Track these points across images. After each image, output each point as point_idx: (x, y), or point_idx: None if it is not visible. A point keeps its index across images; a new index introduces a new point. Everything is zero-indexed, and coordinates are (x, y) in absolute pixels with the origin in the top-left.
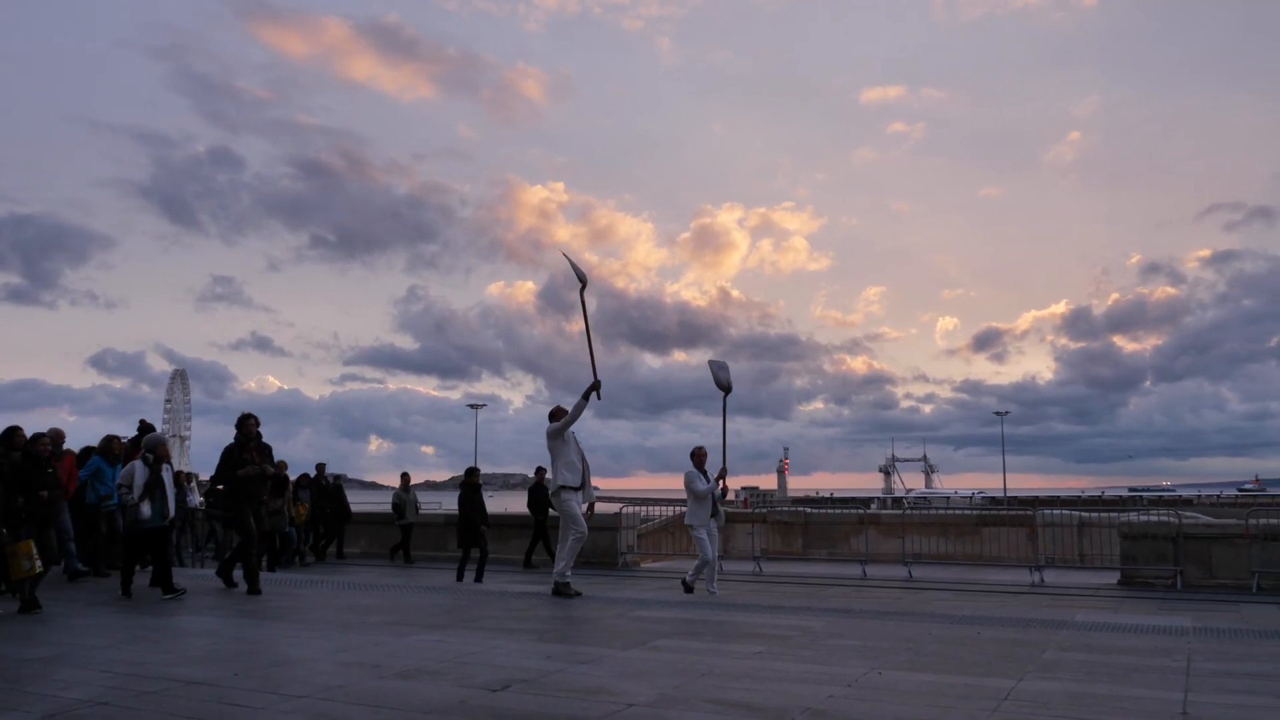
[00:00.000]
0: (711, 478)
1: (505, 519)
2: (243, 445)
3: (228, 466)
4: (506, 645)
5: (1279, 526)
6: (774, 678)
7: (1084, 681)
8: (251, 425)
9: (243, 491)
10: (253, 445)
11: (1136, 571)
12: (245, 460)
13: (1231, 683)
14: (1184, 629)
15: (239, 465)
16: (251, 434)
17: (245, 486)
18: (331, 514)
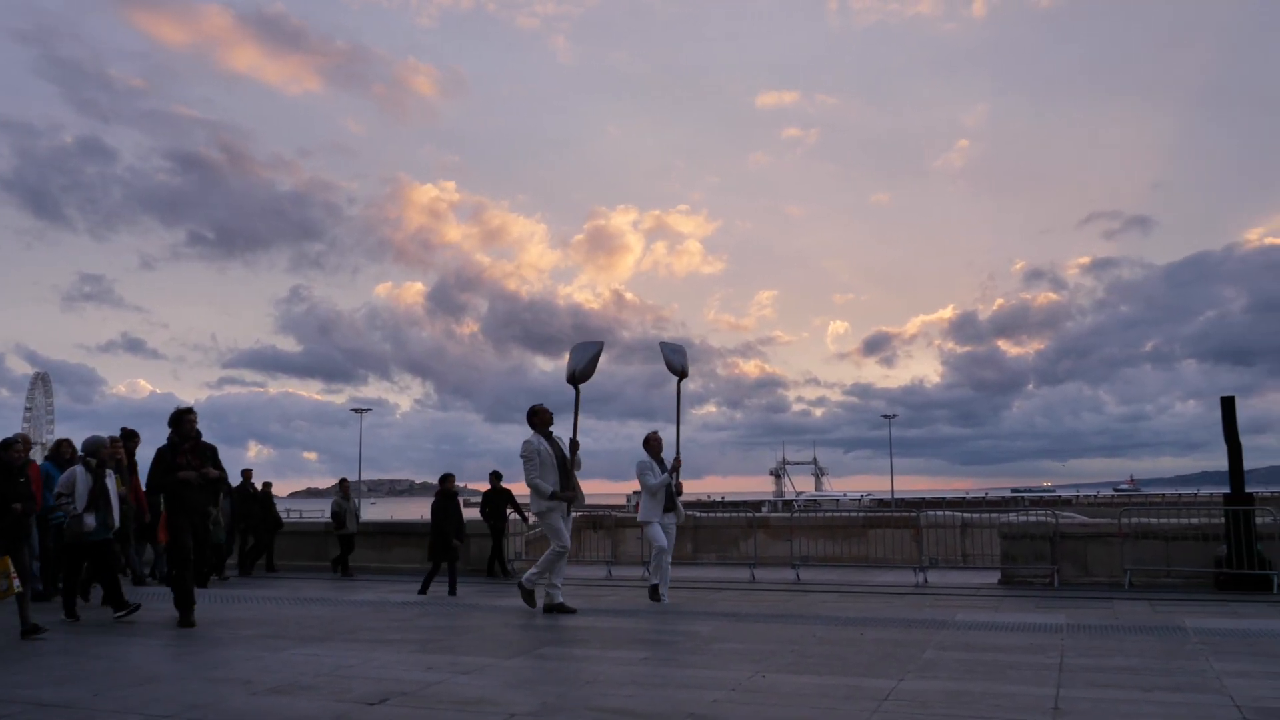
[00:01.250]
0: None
1: (393, 527)
2: (177, 446)
3: (162, 471)
4: (386, 657)
5: (1149, 525)
6: (658, 683)
7: (962, 680)
8: (189, 423)
9: (180, 500)
10: (189, 447)
11: (1016, 571)
12: (181, 465)
13: (1101, 677)
14: (1058, 626)
15: (177, 470)
16: (189, 433)
17: (184, 495)
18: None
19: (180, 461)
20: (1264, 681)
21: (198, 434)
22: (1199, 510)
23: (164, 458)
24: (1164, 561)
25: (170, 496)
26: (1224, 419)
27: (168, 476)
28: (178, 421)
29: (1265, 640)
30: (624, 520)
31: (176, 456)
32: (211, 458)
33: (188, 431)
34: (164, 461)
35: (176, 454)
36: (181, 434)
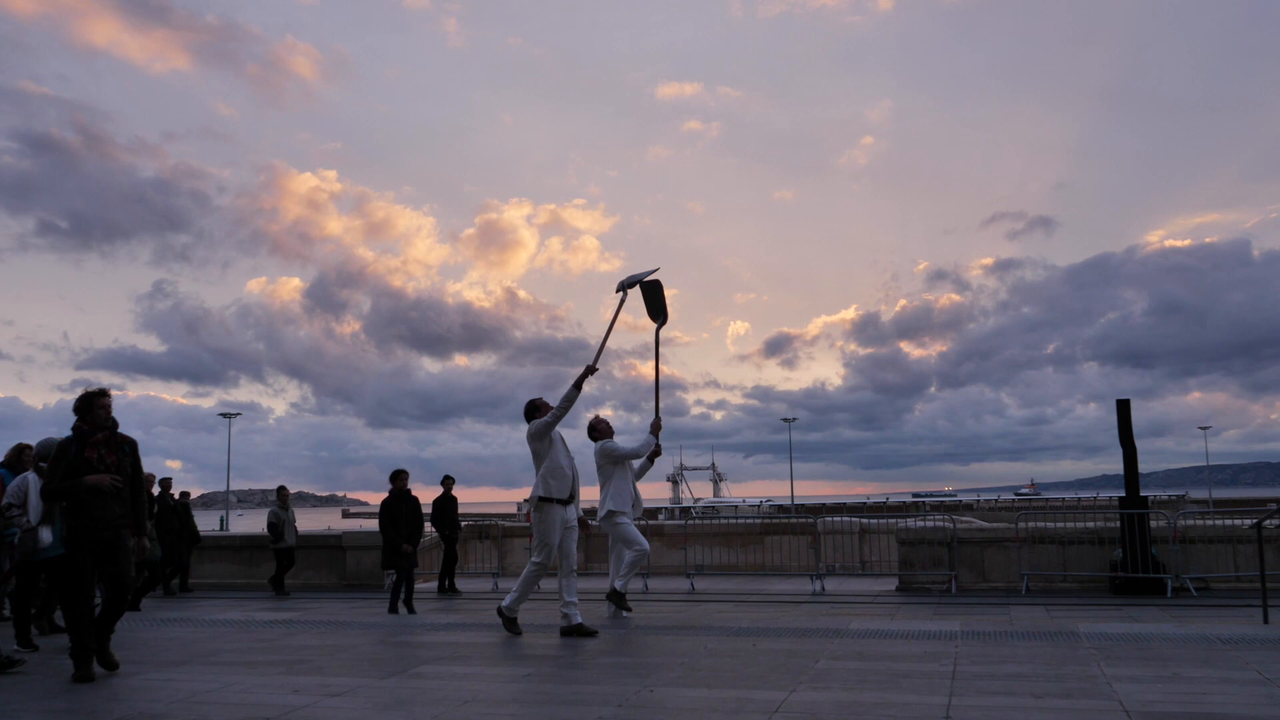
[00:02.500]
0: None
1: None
2: (85, 439)
3: (62, 473)
4: (248, 681)
5: (1046, 530)
6: (541, 701)
7: (854, 690)
8: (103, 408)
9: (86, 514)
10: (101, 439)
11: (913, 577)
12: (90, 463)
13: (993, 684)
14: (953, 633)
15: (83, 471)
16: (103, 422)
17: (91, 507)
18: (179, 538)
19: (89, 459)
20: (1154, 686)
21: (113, 424)
22: (1095, 514)
23: (65, 454)
24: (1061, 566)
25: (73, 508)
26: (1119, 422)
27: (70, 480)
28: (87, 406)
29: (1157, 644)
30: (511, 530)
31: (84, 451)
32: (132, 456)
33: (100, 420)
34: (65, 459)
35: (84, 448)
36: (92, 422)
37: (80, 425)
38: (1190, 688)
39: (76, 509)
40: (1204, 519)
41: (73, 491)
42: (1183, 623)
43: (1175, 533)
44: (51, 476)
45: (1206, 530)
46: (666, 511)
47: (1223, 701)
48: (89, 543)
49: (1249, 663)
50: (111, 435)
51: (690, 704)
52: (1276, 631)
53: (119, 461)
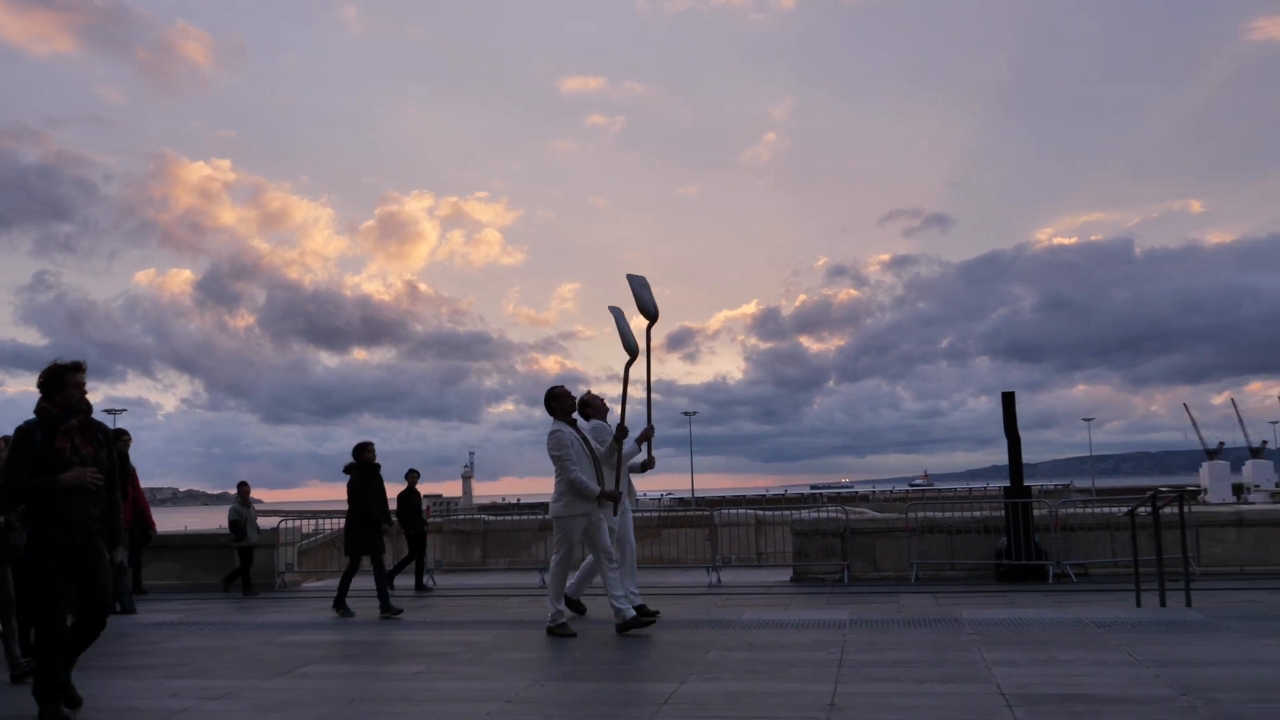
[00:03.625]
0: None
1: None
2: (56, 424)
3: (25, 466)
4: (124, 685)
5: (936, 519)
6: (430, 698)
7: (743, 680)
8: (76, 386)
9: (59, 518)
10: (75, 425)
11: (807, 568)
12: (62, 455)
13: (878, 671)
14: (843, 622)
15: (54, 464)
16: (77, 403)
17: (64, 509)
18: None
19: (61, 449)
20: (1030, 669)
21: (87, 407)
22: (983, 504)
23: (30, 443)
24: (949, 555)
25: (40, 512)
26: (1004, 415)
27: (37, 476)
28: (56, 383)
29: (1035, 629)
30: None
31: (55, 440)
32: (108, 447)
33: (74, 400)
34: (29, 449)
35: (54, 436)
36: (64, 404)
37: (47, 407)
38: (1064, 670)
39: (45, 512)
40: (1084, 508)
41: (43, 491)
42: (1061, 608)
43: (1056, 521)
44: (11, 471)
45: (1085, 518)
46: None
47: (1094, 682)
48: (60, 553)
49: (1120, 644)
50: (87, 421)
51: (580, 698)
52: (1148, 614)
53: (96, 453)
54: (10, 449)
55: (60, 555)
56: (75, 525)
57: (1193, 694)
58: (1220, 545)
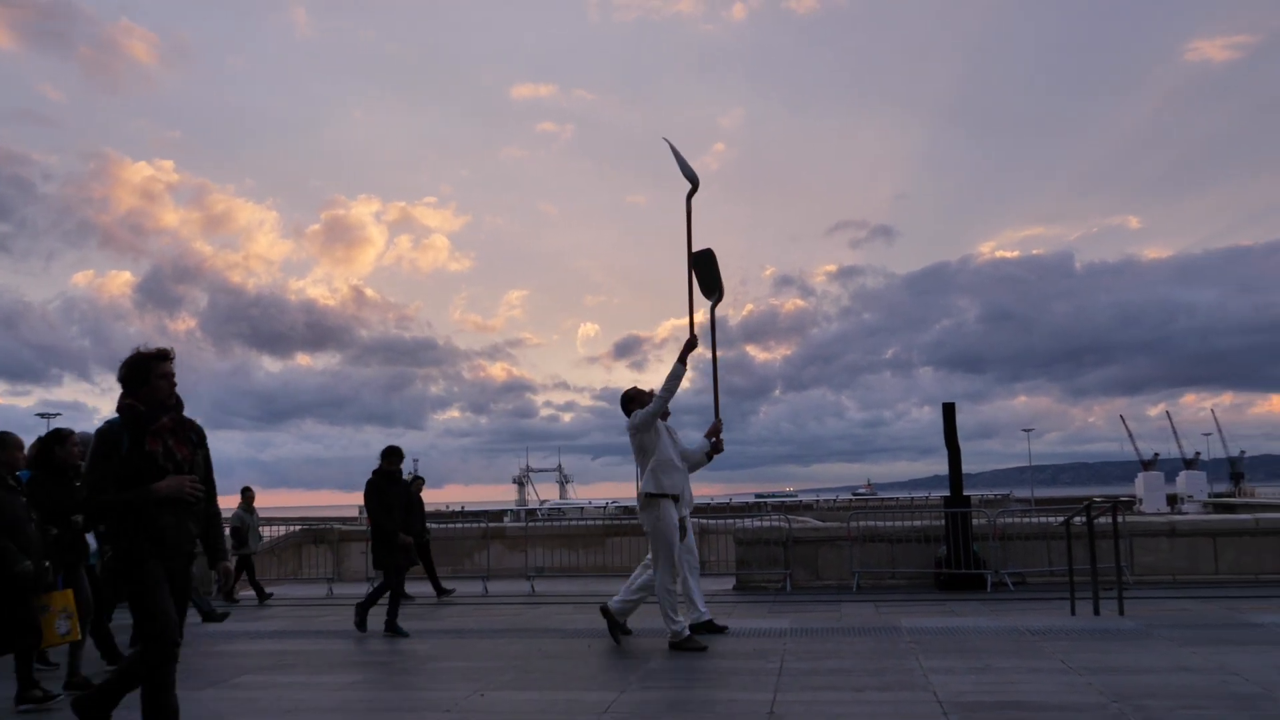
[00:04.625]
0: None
1: None
2: (146, 422)
3: (117, 474)
4: None
5: (877, 528)
6: (368, 708)
7: (683, 689)
8: (164, 377)
9: (153, 534)
10: (167, 424)
11: (750, 576)
12: (154, 459)
13: (817, 680)
14: (783, 630)
15: (145, 471)
16: (165, 398)
17: (160, 526)
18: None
19: (153, 452)
20: (966, 677)
21: (179, 403)
22: (923, 513)
23: (114, 447)
24: (890, 563)
25: (129, 528)
26: (945, 425)
27: (126, 487)
28: (142, 373)
29: (972, 637)
30: (348, 534)
31: (145, 443)
32: (203, 448)
33: (163, 395)
34: (115, 455)
35: (144, 438)
36: (151, 399)
37: (133, 403)
38: (1000, 678)
39: (136, 530)
40: (1022, 517)
41: (135, 505)
42: (998, 616)
43: (995, 530)
44: (95, 481)
45: (1023, 528)
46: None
47: (1028, 690)
48: (157, 575)
49: (1055, 652)
50: (179, 419)
51: (520, 707)
52: (1082, 623)
53: (192, 457)
54: (91, 454)
55: (161, 582)
56: (172, 544)
57: (1124, 701)
58: (1153, 555)
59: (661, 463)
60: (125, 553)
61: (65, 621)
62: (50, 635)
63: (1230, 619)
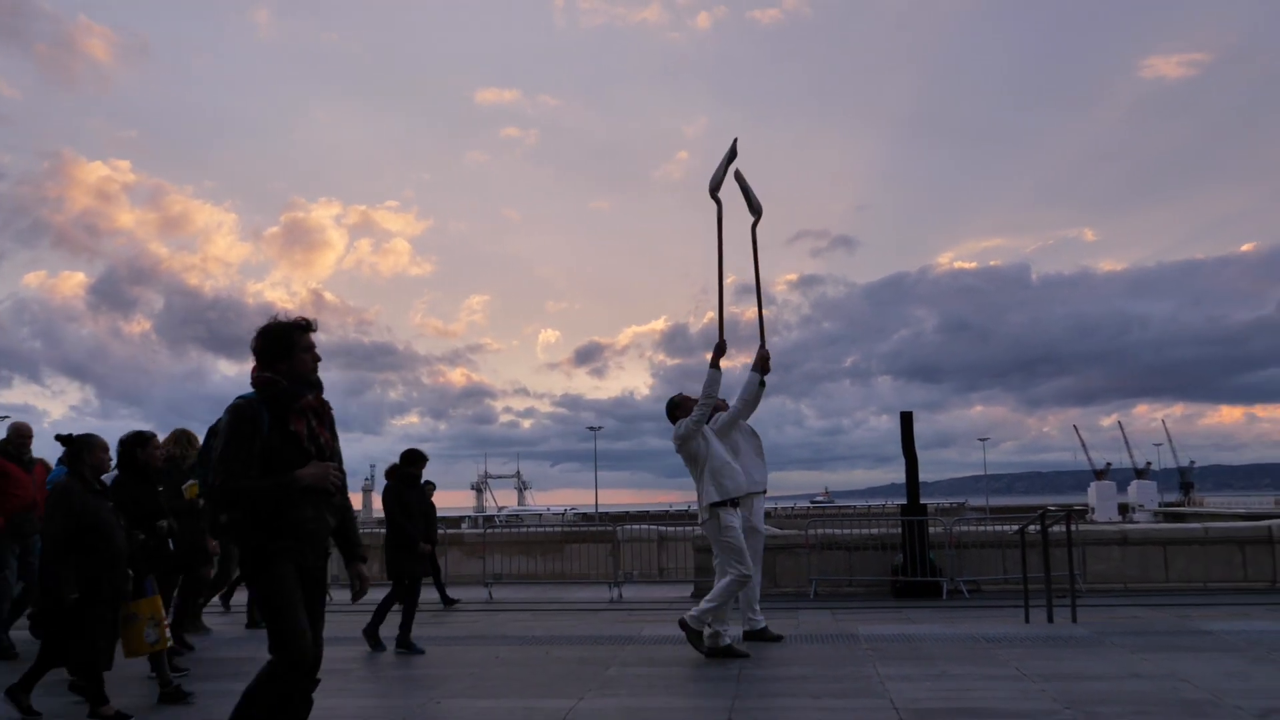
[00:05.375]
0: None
1: None
2: (288, 401)
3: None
4: None
5: (834, 536)
6: (325, 715)
7: (641, 696)
8: (306, 350)
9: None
10: (311, 403)
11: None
12: (297, 443)
13: (775, 686)
14: (741, 638)
15: (287, 456)
16: (309, 374)
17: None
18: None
19: (298, 433)
20: (922, 684)
21: (318, 382)
22: (880, 521)
23: (254, 427)
24: (847, 571)
25: (263, 520)
26: (902, 434)
27: (267, 473)
28: (284, 345)
29: (928, 644)
30: None
31: (291, 420)
32: (331, 432)
33: (306, 371)
34: (255, 435)
35: (287, 418)
36: (293, 374)
37: (273, 378)
38: (955, 684)
39: (272, 522)
40: (978, 525)
41: (277, 494)
42: (953, 623)
43: (951, 539)
44: (230, 465)
45: (978, 536)
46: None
47: (983, 697)
48: (295, 582)
49: (1009, 659)
50: (321, 403)
51: (477, 715)
52: (1036, 630)
53: (334, 443)
54: (227, 433)
55: (294, 569)
56: (310, 540)
57: (1076, 708)
58: (1105, 563)
59: (718, 467)
60: (257, 549)
61: (153, 630)
62: (139, 644)
63: (1180, 626)
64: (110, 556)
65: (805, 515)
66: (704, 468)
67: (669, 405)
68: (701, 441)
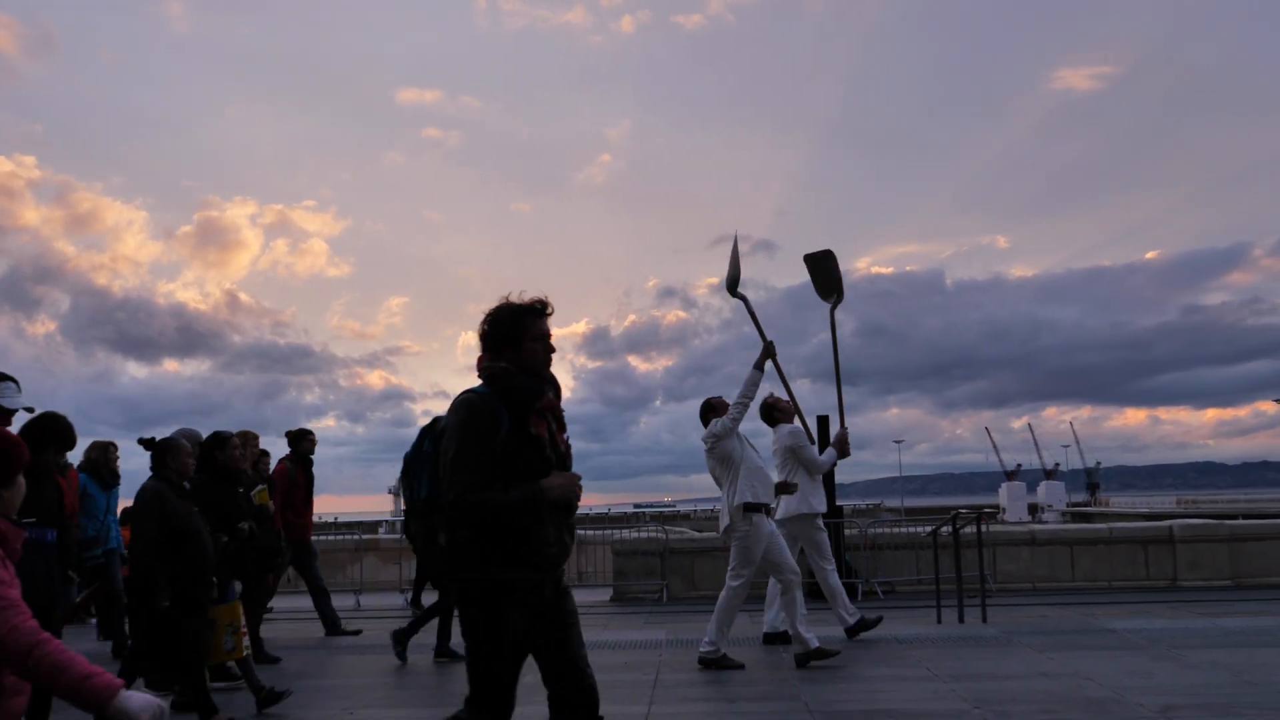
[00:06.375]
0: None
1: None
2: (530, 399)
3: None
4: None
5: None
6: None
7: None
8: (540, 339)
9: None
10: (551, 402)
11: (627, 587)
12: (540, 448)
13: (692, 691)
14: (659, 642)
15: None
16: (542, 366)
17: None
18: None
19: (539, 437)
20: (835, 685)
21: (552, 378)
22: None
23: (494, 424)
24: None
25: (498, 538)
26: (819, 437)
27: (516, 489)
28: (513, 330)
29: (842, 646)
30: None
31: (531, 421)
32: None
33: (538, 362)
34: (494, 436)
35: (527, 415)
36: (526, 366)
37: (508, 368)
38: (868, 686)
39: (511, 541)
40: (893, 527)
41: (525, 511)
42: None
43: (866, 540)
44: (467, 473)
45: (893, 537)
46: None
47: (895, 698)
48: (526, 611)
49: (921, 660)
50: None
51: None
52: (947, 631)
53: (570, 450)
54: (460, 435)
55: (526, 614)
56: (553, 570)
57: (985, 707)
58: (1014, 563)
59: (753, 471)
60: (488, 583)
61: (231, 637)
62: (216, 651)
63: (1085, 625)
64: (201, 561)
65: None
66: (737, 470)
67: (704, 407)
68: (736, 443)
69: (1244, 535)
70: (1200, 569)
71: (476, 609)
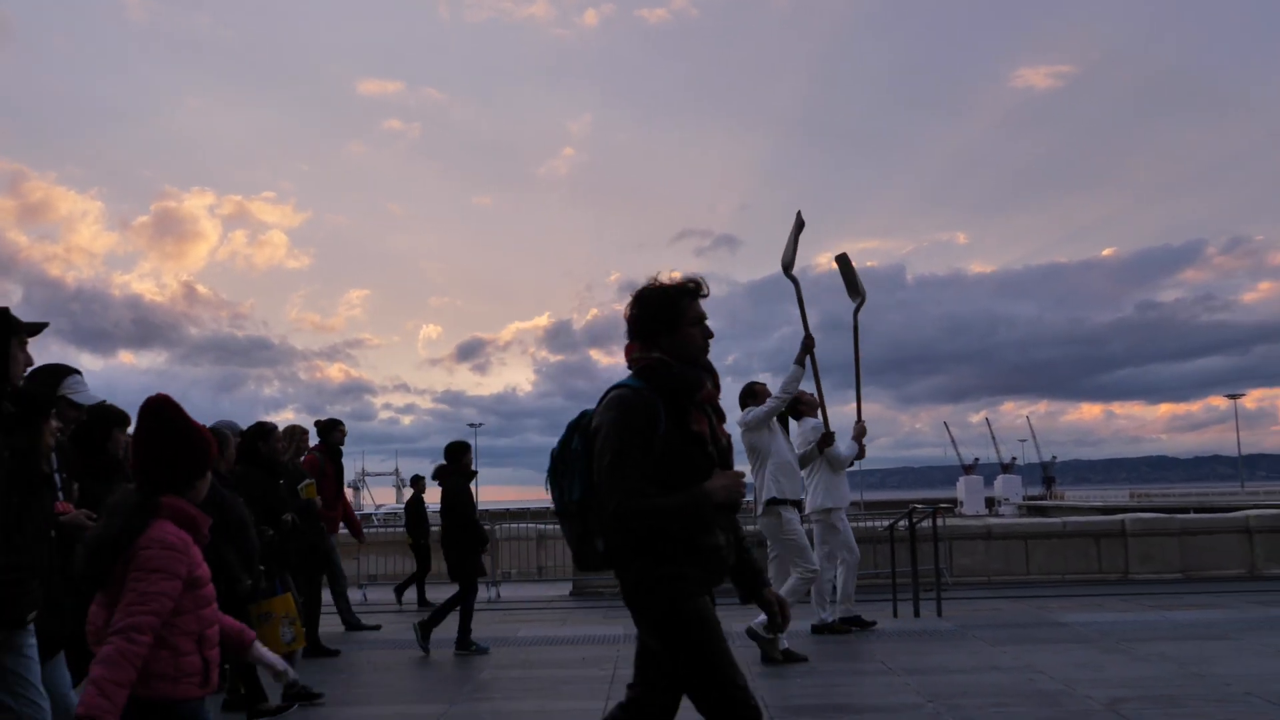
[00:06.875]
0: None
1: None
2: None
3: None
4: None
5: None
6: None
7: (515, 699)
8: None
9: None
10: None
11: (586, 582)
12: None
13: None
14: (617, 637)
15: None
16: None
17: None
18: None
19: (700, 435)
20: (792, 680)
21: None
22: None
23: (653, 423)
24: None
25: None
26: None
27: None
28: (670, 312)
29: (798, 641)
30: None
31: (692, 417)
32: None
33: (695, 349)
34: (654, 434)
35: (687, 410)
36: (683, 353)
37: (663, 359)
38: (824, 680)
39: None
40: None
41: (690, 516)
42: None
43: None
44: (630, 478)
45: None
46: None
47: (851, 692)
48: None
49: (876, 654)
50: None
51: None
52: (903, 625)
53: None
54: (616, 436)
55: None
56: (720, 575)
57: (939, 701)
58: (970, 557)
59: (780, 465)
60: (668, 579)
61: (289, 628)
62: (275, 644)
63: (1038, 618)
64: (250, 552)
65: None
66: (766, 462)
67: (744, 391)
68: (768, 434)
69: (1194, 529)
70: (1151, 562)
71: (670, 607)
